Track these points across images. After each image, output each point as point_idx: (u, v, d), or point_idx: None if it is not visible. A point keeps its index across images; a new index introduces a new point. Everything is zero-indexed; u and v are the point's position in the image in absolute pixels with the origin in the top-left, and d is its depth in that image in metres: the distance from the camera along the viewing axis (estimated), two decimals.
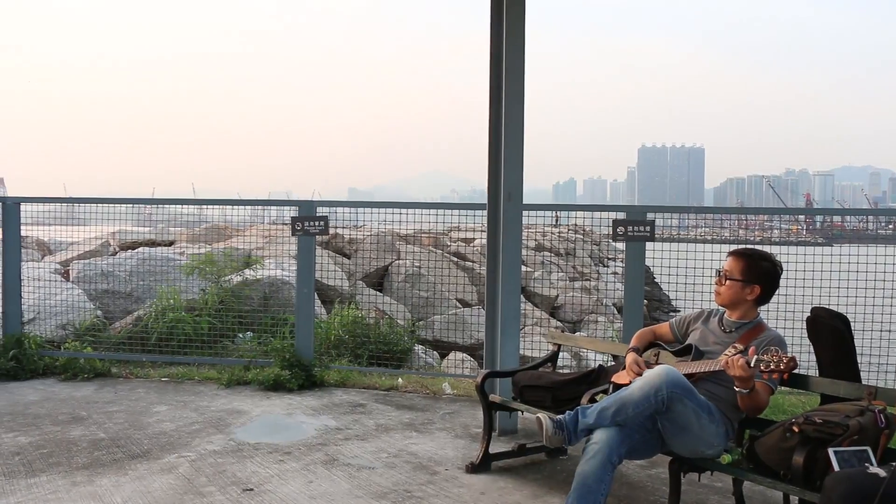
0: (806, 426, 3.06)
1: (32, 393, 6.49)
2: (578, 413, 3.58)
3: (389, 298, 10.65)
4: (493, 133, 5.45)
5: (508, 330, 5.39)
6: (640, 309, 6.14)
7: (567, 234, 21.52)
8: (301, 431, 5.43)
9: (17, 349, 7.13)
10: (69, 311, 8.19)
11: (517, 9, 5.30)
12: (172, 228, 12.09)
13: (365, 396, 6.51)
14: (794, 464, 3.05)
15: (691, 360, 3.73)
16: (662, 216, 6.78)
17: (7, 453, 4.87)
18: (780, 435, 3.17)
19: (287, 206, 7.93)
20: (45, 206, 8.26)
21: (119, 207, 8.19)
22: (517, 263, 5.44)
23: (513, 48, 5.31)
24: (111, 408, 6.03)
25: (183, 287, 8.30)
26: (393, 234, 12.25)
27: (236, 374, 6.91)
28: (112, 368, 7.29)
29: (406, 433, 5.43)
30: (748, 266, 3.73)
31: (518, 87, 5.34)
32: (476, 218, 7.60)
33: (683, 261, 6.24)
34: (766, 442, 3.26)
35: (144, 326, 7.79)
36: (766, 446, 3.25)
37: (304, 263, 7.03)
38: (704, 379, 3.64)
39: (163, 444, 5.10)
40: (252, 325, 7.93)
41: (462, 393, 6.67)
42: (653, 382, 3.38)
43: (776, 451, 3.19)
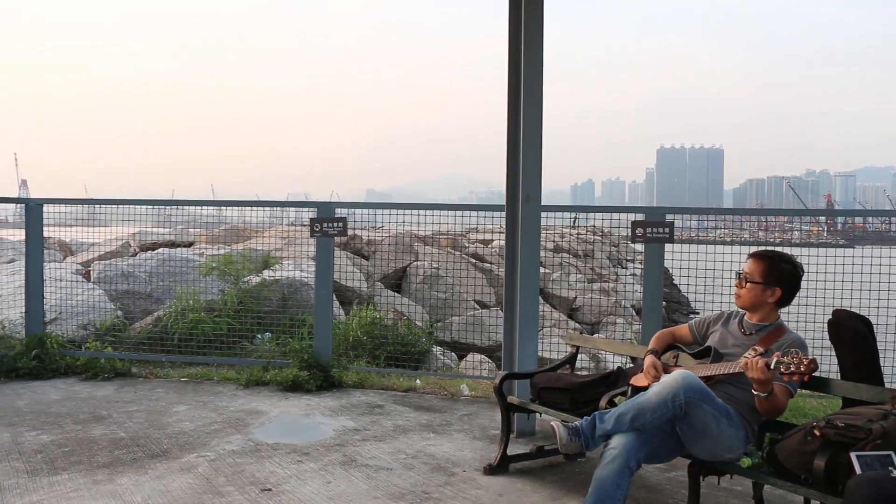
0: (828, 430, 3.02)
1: (54, 392, 6.55)
2: (596, 418, 3.57)
3: (407, 300, 10.66)
4: (512, 134, 5.44)
5: (527, 331, 5.38)
6: (658, 311, 6.11)
7: (585, 236, 21.46)
8: (319, 432, 5.45)
9: (40, 349, 7.21)
10: (90, 311, 8.25)
11: (535, 11, 5.29)
12: (192, 230, 12.15)
13: (383, 397, 6.51)
14: (816, 468, 3.02)
15: (710, 363, 3.71)
16: (681, 217, 6.74)
17: (30, 451, 4.92)
18: (802, 438, 3.14)
19: (306, 207, 7.95)
20: (67, 208, 8.33)
21: (139, 209, 8.24)
22: (536, 265, 5.43)
23: (531, 49, 5.30)
24: (131, 407, 6.07)
25: (202, 288, 8.34)
26: (411, 235, 12.25)
27: (255, 375, 6.94)
28: (132, 368, 7.35)
29: (424, 434, 5.43)
30: (769, 268, 3.70)
31: (536, 88, 5.33)
32: (494, 219, 7.60)
33: (702, 262, 6.20)
34: (786, 445, 3.23)
35: (164, 327, 7.84)
36: (786, 450, 3.22)
37: (323, 264, 7.04)
38: (723, 382, 3.61)
39: (182, 443, 5.13)
40: (271, 325, 7.96)
41: (480, 394, 6.66)
42: (670, 388, 3.36)
43: (797, 455, 3.16)
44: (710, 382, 3.57)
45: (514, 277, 5.42)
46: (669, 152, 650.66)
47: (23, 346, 7.27)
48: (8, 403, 6.14)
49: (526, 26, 5.28)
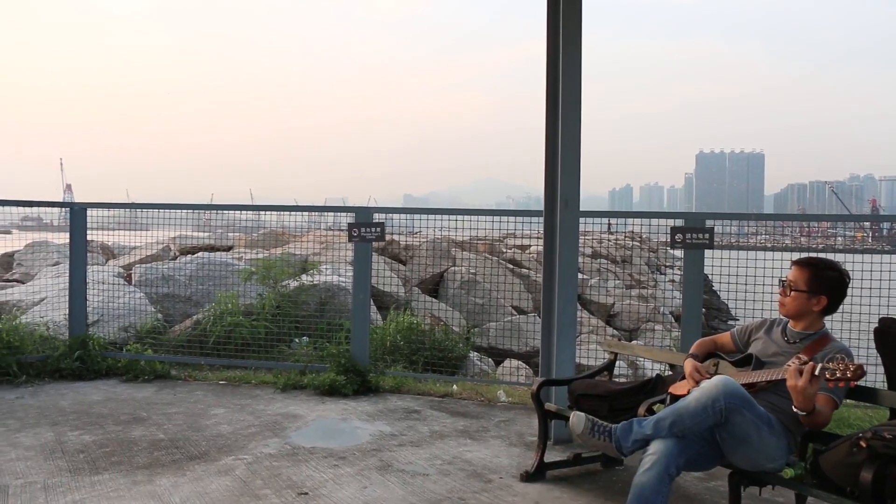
0: (874, 441, 2.95)
1: (96, 393, 6.65)
2: (634, 423, 3.52)
3: (445, 305, 10.66)
4: (550, 140, 5.41)
5: (564, 338, 5.34)
6: (698, 317, 6.03)
7: (624, 242, 21.31)
8: (356, 437, 5.45)
9: (82, 350, 7.33)
10: (131, 313, 8.37)
11: (574, 15, 5.26)
12: (231, 234, 12.27)
13: (419, 403, 6.51)
14: (863, 480, 2.94)
15: (751, 371, 3.64)
16: (721, 223, 6.65)
17: (72, 451, 4.99)
18: (847, 450, 3.06)
19: (344, 212, 7.99)
20: (110, 212, 8.45)
21: (179, 213, 8.34)
22: (574, 271, 5.39)
23: (569, 54, 5.27)
24: (170, 409, 6.13)
25: (241, 291, 8.41)
26: (448, 240, 12.26)
27: (292, 379, 6.97)
28: (171, 370, 7.43)
29: (460, 440, 5.41)
30: (814, 276, 3.62)
31: (574, 93, 5.30)
32: (532, 225, 7.55)
33: (743, 269, 6.11)
34: (831, 457, 3.15)
35: (203, 330, 7.92)
36: (831, 461, 3.14)
37: (361, 269, 7.06)
38: (766, 390, 3.54)
39: (220, 446, 5.16)
40: (308, 330, 8.00)
41: (517, 401, 6.63)
42: (710, 393, 3.30)
43: (842, 467, 3.08)
44: (752, 390, 3.50)
45: (553, 283, 5.39)
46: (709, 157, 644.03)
47: (66, 347, 7.39)
48: (52, 403, 6.24)
49: (564, 30, 5.26)
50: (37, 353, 7.35)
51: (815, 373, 3.13)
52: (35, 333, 7.59)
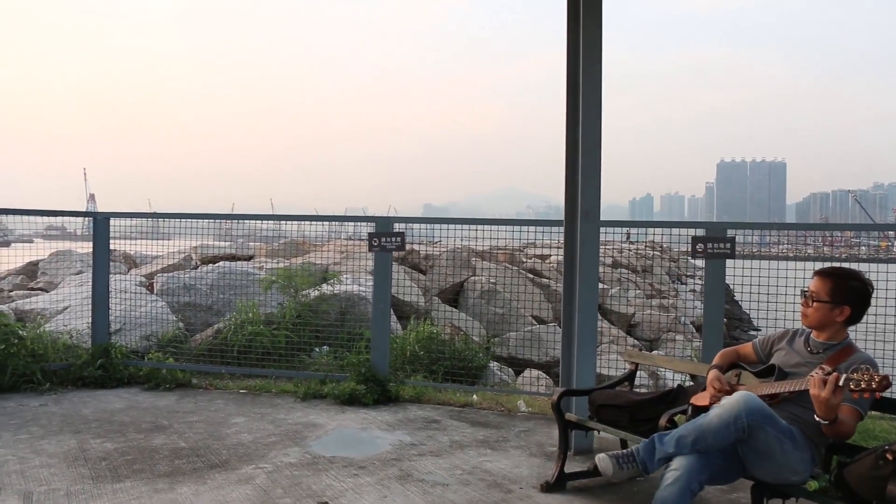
0: None
1: (118, 401, 6.69)
2: (655, 441, 3.49)
3: (464, 314, 10.65)
4: (570, 149, 5.41)
5: (585, 348, 5.32)
6: (719, 327, 5.99)
7: (644, 251, 21.22)
8: (376, 446, 5.45)
9: (105, 358, 7.39)
10: (153, 322, 8.42)
11: (594, 24, 5.26)
12: (252, 243, 12.34)
13: (440, 412, 6.50)
14: (889, 493, 2.90)
15: (774, 382, 3.60)
16: (743, 233, 6.61)
17: (95, 458, 5.03)
18: (873, 462, 3.02)
19: (364, 221, 8.01)
20: (132, 221, 8.52)
21: (200, 222, 8.39)
22: (594, 281, 5.37)
23: (589, 63, 5.27)
24: (191, 418, 6.16)
25: (261, 301, 8.44)
26: (468, 250, 12.26)
27: (312, 388, 6.99)
28: (192, 379, 7.46)
29: (480, 450, 5.40)
30: (836, 286, 3.58)
31: (595, 101, 5.30)
32: (552, 234, 7.55)
33: (765, 278, 6.06)
34: (856, 469, 3.11)
35: (224, 339, 7.95)
36: (856, 474, 3.10)
37: (381, 279, 7.07)
38: (788, 401, 3.51)
39: (240, 454, 5.18)
40: (328, 339, 8.01)
41: (537, 411, 6.60)
42: (732, 410, 3.27)
43: (868, 480, 3.04)
44: (775, 401, 3.47)
45: (573, 293, 5.37)
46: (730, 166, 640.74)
47: (89, 355, 7.45)
48: (75, 411, 6.29)
49: (584, 39, 5.26)
50: (60, 361, 7.41)
51: (840, 383, 3.09)
52: (58, 342, 7.66)
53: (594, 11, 5.27)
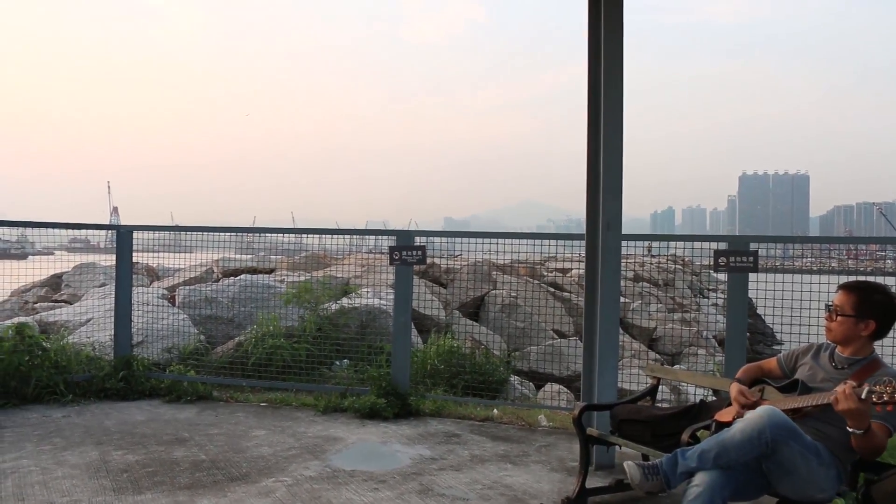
0: None
1: (139, 413, 6.72)
2: (678, 455, 3.44)
3: (485, 328, 10.63)
4: (592, 162, 5.39)
5: (606, 362, 5.29)
6: (742, 342, 5.94)
7: (666, 265, 21.10)
8: (396, 460, 5.44)
9: (127, 370, 7.44)
10: (174, 335, 8.46)
11: (615, 37, 5.25)
12: (273, 256, 12.38)
13: (460, 426, 6.47)
14: None
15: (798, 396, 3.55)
16: (766, 246, 6.54)
17: (116, 470, 5.05)
18: None
19: (385, 235, 8.02)
20: (154, 234, 8.59)
21: (222, 235, 8.44)
22: (616, 295, 5.34)
23: (610, 77, 5.26)
24: (212, 430, 6.18)
25: (282, 314, 8.46)
26: (489, 263, 12.24)
27: (333, 401, 6.99)
28: (213, 392, 7.49)
29: (501, 465, 5.37)
30: (861, 300, 3.52)
31: (616, 115, 5.28)
32: (573, 248, 7.53)
33: (788, 292, 6.00)
34: (884, 487, 3.06)
35: (245, 352, 7.97)
36: (884, 492, 3.05)
37: (402, 292, 7.07)
38: (813, 416, 3.45)
39: (261, 467, 5.18)
40: (349, 352, 8.01)
41: (558, 425, 6.56)
42: (755, 425, 3.22)
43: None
44: (798, 415, 3.41)
45: (594, 307, 5.34)
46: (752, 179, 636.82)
47: (111, 367, 7.51)
48: (97, 423, 6.33)
49: (605, 51, 5.25)
50: (83, 373, 7.46)
51: (863, 396, 3.04)
52: (81, 353, 7.72)
53: (615, 23, 5.26)
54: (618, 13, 5.26)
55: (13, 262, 7.98)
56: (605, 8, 5.24)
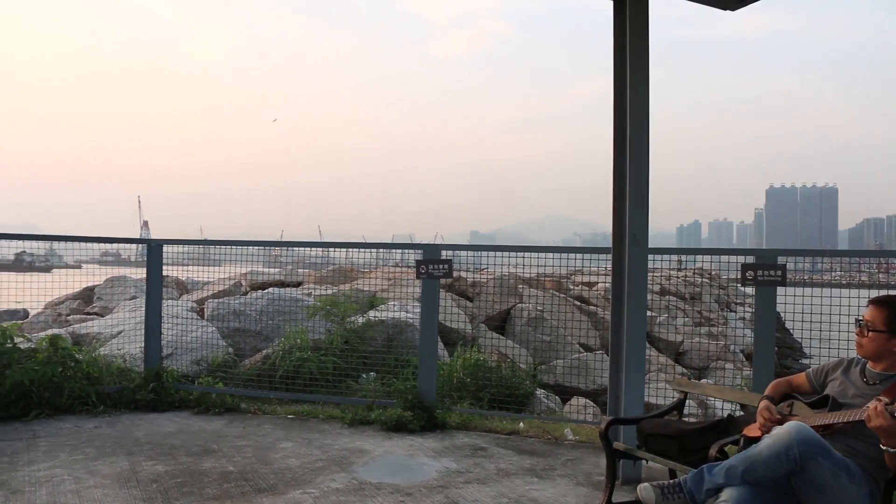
0: None
1: (169, 424, 6.80)
2: (704, 472, 3.43)
3: (511, 342, 10.62)
4: (618, 176, 5.40)
5: (633, 376, 5.28)
6: (770, 356, 5.90)
7: (692, 278, 20.97)
8: (422, 473, 5.46)
9: (157, 382, 7.52)
10: (203, 347, 8.54)
11: (640, 51, 5.27)
12: (300, 270, 12.47)
13: (486, 440, 6.48)
14: None
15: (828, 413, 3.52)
16: (794, 260, 6.50)
17: (146, 480, 5.11)
18: None
19: (411, 249, 8.05)
20: (184, 248, 8.69)
21: (250, 249, 8.53)
22: (643, 308, 5.34)
23: (637, 91, 5.27)
24: (240, 442, 6.23)
25: (309, 327, 8.52)
26: (515, 277, 12.24)
27: (359, 414, 7.02)
28: (241, 404, 7.55)
29: (527, 478, 5.37)
30: (892, 315, 3.49)
31: (642, 129, 5.29)
32: (599, 262, 7.51)
33: (817, 306, 5.96)
34: None
35: (272, 364, 8.03)
36: None
37: (428, 305, 7.10)
38: (843, 433, 3.42)
39: (288, 479, 5.22)
40: (375, 365, 8.05)
41: (584, 439, 6.55)
42: (783, 440, 3.20)
43: None
44: (829, 432, 3.39)
45: (621, 321, 5.34)
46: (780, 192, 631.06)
47: (141, 378, 7.60)
48: (127, 433, 6.41)
49: (631, 65, 5.27)
50: (114, 384, 7.56)
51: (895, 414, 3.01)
52: (112, 365, 7.83)
53: (641, 38, 5.28)
54: (643, 28, 5.28)
55: (41, 275, 8.09)
56: (631, 23, 5.26)
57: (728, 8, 5.60)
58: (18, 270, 8.62)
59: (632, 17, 5.26)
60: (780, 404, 3.80)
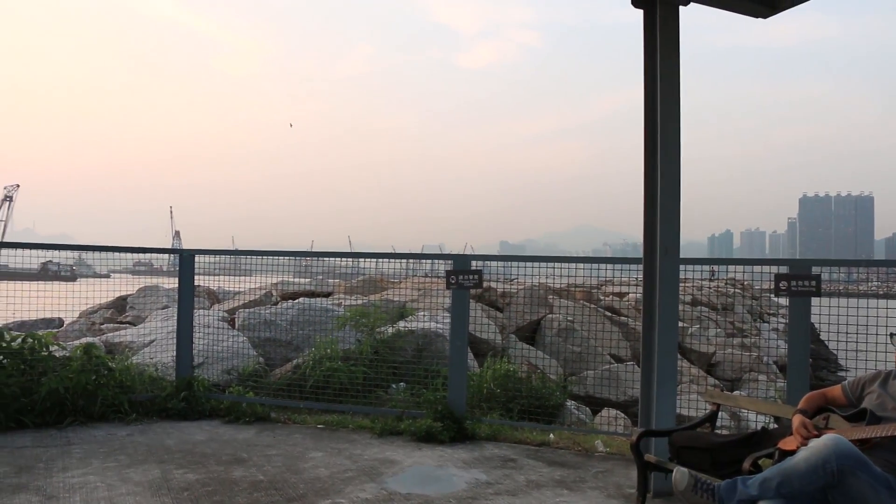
0: None
1: (200, 433, 6.84)
2: (738, 482, 3.38)
3: (541, 352, 10.58)
4: (649, 186, 5.36)
5: (664, 388, 5.23)
6: (805, 368, 5.81)
7: (724, 289, 20.78)
8: (452, 484, 5.43)
9: (188, 391, 7.58)
10: (234, 356, 8.60)
11: (671, 60, 5.24)
12: (330, 280, 12.52)
13: (516, 451, 6.44)
14: None
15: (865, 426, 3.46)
16: (829, 270, 6.40)
17: (177, 488, 5.14)
18: None
19: (442, 259, 8.05)
20: (215, 258, 8.76)
21: (281, 259, 8.57)
22: (674, 319, 5.29)
23: (667, 100, 5.24)
24: (270, 451, 6.25)
25: (339, 337, 8.54)
26: (545, 287, 12.20)
27: (389, 424, 7.01)
28: (271, 413, 7.58)
29: (557, 490, 5.33)
30: None
31: (673, 138, 5.25)
32: (629, 272, 7.48)
33: (852, 317, 5.86)
34: None
35: (302, 374, 8.05)
36: None
37: (458, 316, 7.09)
38: (882, 447, 3.35)
39: (317, 489, 5.22)
40: (405, 375, 8.04)
41: (615, 451, 6.49)
42: (820, 453, 3.14)
43: None
44: (866, 446, 3.33)
45: (652, 332, 5.29)
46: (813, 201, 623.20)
47: (173, 387, 7.67)
48: (158, 442, 6.46)
49: (662, 74, 5.23)
50: (146, 393, 7.63)
51: None
52: (145, 374, 7.91)
53: (671, 47, 5.25)
54: (673, 37, 5.25)
55: (66, 285, 8.18)
56: (661, 31, 5.23)
57: (760, 16, 5.56)
58: (44, 279, 8.74)
59: (662, 26, 5.23)
60: (816, 417, 3.74)
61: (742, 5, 5.56)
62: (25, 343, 7.28)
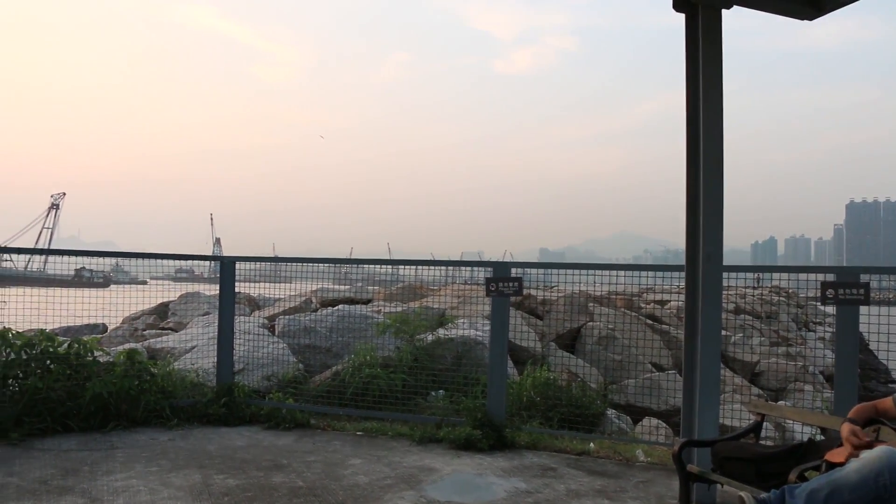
0: None
1: (240, 439, 6.88)
2: (785, 493, 3.30)
3: (581, 360, 10.50)
4: (691, 193, 5.28)
5: (707, 397, 5.13)
6: (853, 378, 5.68)
7: (768, 297, 20.46)
8: (491, 492, 5.40)
9: (228, 397, 7.64)
10: (274, 363, 8.65)
11: (713, 65, 5.15)
12: (370, 287, 12.56)
13: (556, 460, 6.38)
14: None
15: None
16: (878, 277, 6.26)
17: (218, 493, 5.18)
18: None
19: (481, 266, 8.03)
20: (255, 265, 8.82)
21: (320, 266, 8.61)
22: (717, 328, 5.19)
23: (710, 105, 5.15)
24: (309, 458, 6.27)
25: (379, 344, 8.55)
26: (585, 295, 12.11)
27: (428, 432, 7.00)
28: (311, 420, 7.61)
29: (597, 500, 5.26)
30: None
31: (716, 144, 5.16)
32: (671, 279, 7.38)
33: None
34: None
35: (342, 381, 8.07)
36: None
37: (498, 323, 7.05)
38: None
39: (356, 496, 5.22)
40: (444, 383, 8.02)
41: (656, 461, 6.40)
42: (872, 466, 3.06)
43: None
44: None
45: (695, 340, 5.21)
46: (860, 207, 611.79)
47: (214, 393, 7.74)
48: (199, 447, 6.51)
49: (704, 80, 5.15)
50: (187, 398, 7.71)
51: None
52: (186, 379, 7.99)
53: (714, 52, 5.16)
54: (716, 40, 5.17)
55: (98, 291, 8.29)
56: (703, 35, 5.15)
57: (805, 17, 5.45)
58: (77, 286, 8.87)
59: (704, 29, 5.15)
60: (866, 429, 3.64)
61: (787, 7, 5.46)
62: (72, 348, 7.40)
